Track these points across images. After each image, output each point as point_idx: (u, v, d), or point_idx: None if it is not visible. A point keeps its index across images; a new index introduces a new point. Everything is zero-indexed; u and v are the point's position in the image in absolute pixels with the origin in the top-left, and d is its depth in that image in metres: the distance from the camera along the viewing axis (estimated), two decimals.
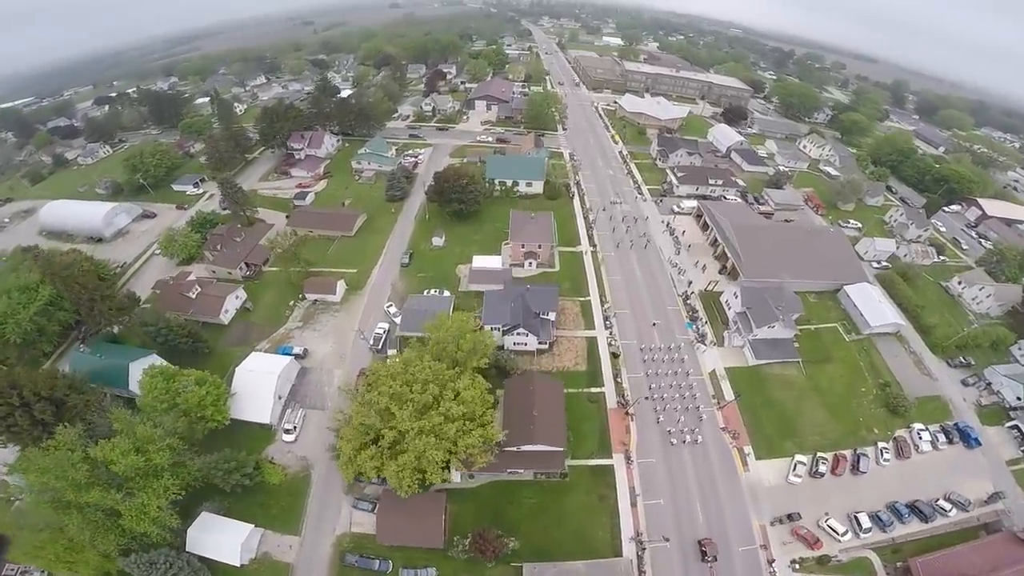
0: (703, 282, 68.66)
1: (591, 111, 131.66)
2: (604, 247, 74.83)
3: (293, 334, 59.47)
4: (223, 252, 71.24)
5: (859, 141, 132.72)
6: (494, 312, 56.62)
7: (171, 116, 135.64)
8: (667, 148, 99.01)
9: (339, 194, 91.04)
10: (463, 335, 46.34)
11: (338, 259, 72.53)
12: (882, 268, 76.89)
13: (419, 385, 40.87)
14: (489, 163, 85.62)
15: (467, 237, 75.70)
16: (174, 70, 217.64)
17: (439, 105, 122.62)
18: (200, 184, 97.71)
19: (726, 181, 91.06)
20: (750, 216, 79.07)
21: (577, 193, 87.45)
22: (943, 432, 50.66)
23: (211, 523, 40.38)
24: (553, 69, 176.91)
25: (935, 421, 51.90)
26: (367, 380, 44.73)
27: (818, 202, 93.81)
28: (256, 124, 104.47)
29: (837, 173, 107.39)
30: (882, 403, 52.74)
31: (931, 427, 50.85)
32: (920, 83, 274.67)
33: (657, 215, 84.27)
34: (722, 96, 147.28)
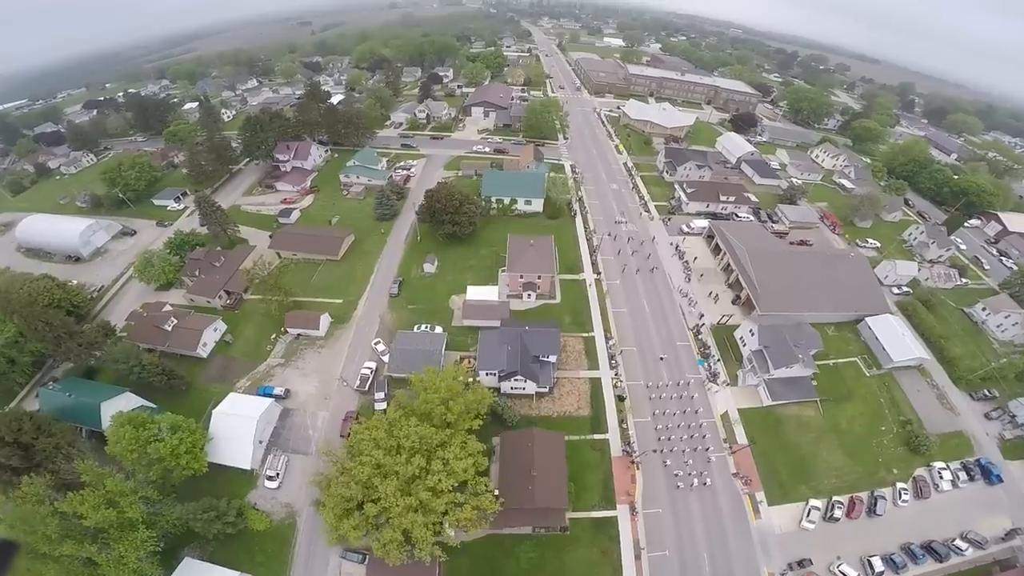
0: (715, 314, 61.96)
1: (593, 118, 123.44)
2: (609, 274, 67.83)
3: (275, 371, 54.28)
4: (201, 279, 65.38)
5: (872, 149, 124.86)
6: (490, 356, 50.41)
7: (156, 123, 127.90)
8: (675, 160, 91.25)
9: (326, 211, 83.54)
10: (453, 396, 40.64)
11: (323, 287, 66.06)
12: (903, 294, 70.61)
13: (404, 455, 36.59)
14: (485, 179, 77.97)
15: (461, 262, 68.61)
16: (166, 72, 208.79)
17: (433, 112, 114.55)
18: (182, 199, 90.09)
19: (738, 197, 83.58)
20: (765, 239, 71.44)
21: (580, 212, 79.89)
22: (964, 469, 48.25)
23: (195, 570, 37.33)
24: (553, 72, 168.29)
25: (957, 458, 49.14)
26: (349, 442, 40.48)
27: (834, 220, 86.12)
28: (239, 134, 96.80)
29: (852, 186, 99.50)
30: (903, 442, 49.48)
31: (952, 465, 48.34)
32: (924, 85, 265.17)
33: (665, 236, 76.80)
34: (729, 101, 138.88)
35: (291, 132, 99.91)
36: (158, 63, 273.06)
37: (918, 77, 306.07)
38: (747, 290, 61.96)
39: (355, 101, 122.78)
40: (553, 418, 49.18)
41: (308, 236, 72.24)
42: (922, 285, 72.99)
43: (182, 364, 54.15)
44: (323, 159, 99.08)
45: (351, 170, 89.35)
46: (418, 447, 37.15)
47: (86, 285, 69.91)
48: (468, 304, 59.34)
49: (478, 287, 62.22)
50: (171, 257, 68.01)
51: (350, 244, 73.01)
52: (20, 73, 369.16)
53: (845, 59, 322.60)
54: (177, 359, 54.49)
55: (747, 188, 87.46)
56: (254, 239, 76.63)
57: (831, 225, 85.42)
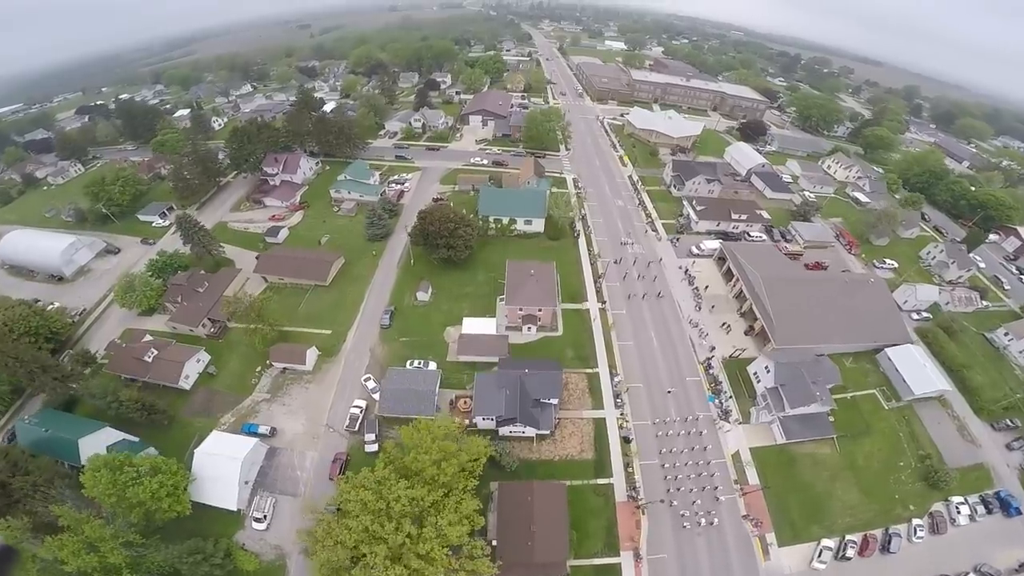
0: (727, 346, 57.20)
1: (596, 126, 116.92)
2: (614, 302, 62.23)
3: (260, 407, 50.37)
4: (184, 306, 60.41)
5: (884, 157, 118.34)
6: (487, 401, 45.56)
7: (145, 131, 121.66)
8: (683, 174, 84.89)
9: (316, 229, 77.55)
10: (446, 457, 36.35)
11: (310, 316, 60.85)
12: (923, 320, 65.66)
13: (394, 521, 33.54)
14: (482, 197, 71.71)
15: (457, 289, 63.11)
16: (161, 77, 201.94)
17: (429, 121, 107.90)
18: (167, 214, 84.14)
19: (750, 215, 77.40)
20: (780, 264, 65.59)
21: (583, 231, 73.95)
22: (982, 503, 46.11)
23: None
24: (554, 77, 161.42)
25: (976, 491, 46.96)
26: (336, 500, 37.70)
27: (851, 238, 79.70)
28: (226, 145, 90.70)
29: (867, 200, 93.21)
30: (921, 477, 47.06)
31: (970, 499, 46.16)
32: (927, 87, 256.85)
33: (673, 257, 70.93)
34: (736, 107, 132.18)
35: (281, 143, 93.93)
36: (157, 66, 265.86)
37: (919, 79, 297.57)
38: (761, 321, 56.68)
39: (348, 109, 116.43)
40: (554, 462, 45.41)
41: (295, 259, 66.25)
42: (942, 310, 67.64)
43: (164, 396, 50.61)
44: (314, 172, 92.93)
45: (342, 185, 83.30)
46: (408, 510, 34.05)
47: (67, 308, 65.03)
48: (464, 338, 54.29)
49: (474, 319, 56.99)
50: (153, 280, 63.37)
51: (340, 267, 67.19)
52: (21, 75, 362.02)
53: (847, 61, 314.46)
54: (159, 390, 51.17)
55: (759, 204, 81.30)
56: (241, 260, 70.92)
57: (847, 244, 79.10)
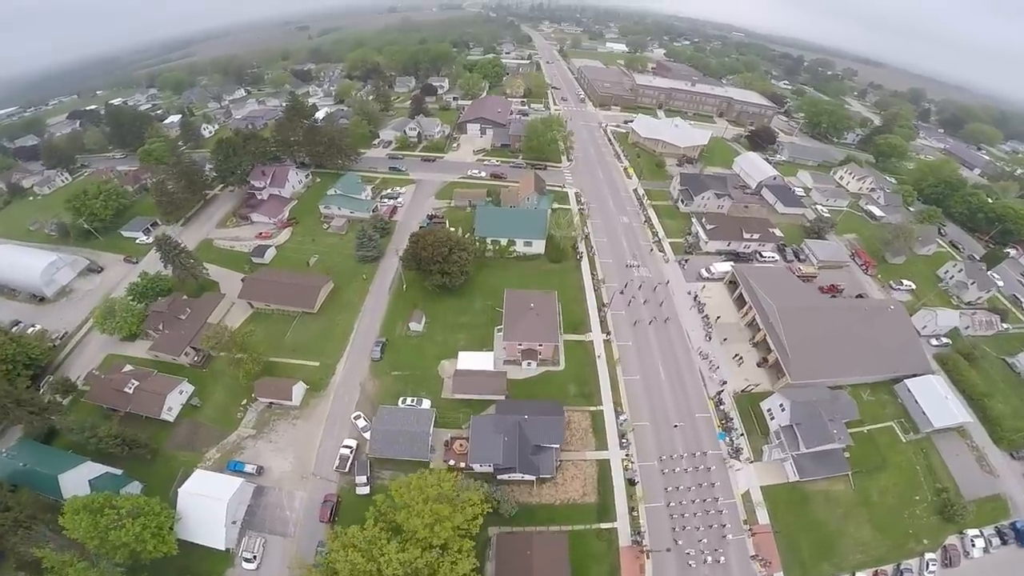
0: (739, 379, 52.89)
1: (599, 134, 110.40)
2: (620, 333, 57.22)
3: (246, 443, 47.40)
4: (165, 334, 56.36)
5: (896, 166, 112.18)
6: (483, 447, 42.13)
7: (133, 139, 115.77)
8: (691, 188, 78.82)
9: (304, 248, 72.11)
10: (439, 520, 33.26)
11: (298, 345, 56.27)
12: (942, 346, 61.19)
13: None
14: (479, 217, 65.92)
15: (452, 318, 58.12)
16: (155, 80, 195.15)
17: (425, 129, 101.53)
18: (151, 230, 78.81)
19: (763, 234, 71.67)
20: (795, 290, 60.21)
21: (586, 252, 68.26)
22: (998, 534, 44.40)
23: None
24: (555, 81, 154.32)
25: (992, 522, 45.07)
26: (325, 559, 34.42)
27: (867, 258, 73.70)
28: (211, 157, 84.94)
29: (882, 214, 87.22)
30: (936, 510, 44.95)
31: (985, 530, 44.33)
32: (929, 88, 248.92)
33: (682, 281, 65.49)
34: (742, 113, 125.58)
35: (270, 154, 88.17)
36: (154, 68, 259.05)
37: (921, 80, 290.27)
38: (776, 353, 52.47)
39: (341, 116, 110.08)
40: (555, 506, 42.43)
41: (281, 284, 61.06)
42: (962, 334, 63.12)
43: (147, 427, 47.96)
44: (303, 184, 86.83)
45: (331, 200, 77.50)
46: (400, 574, 31.50)
47: (48, 331, 61.03)
48: (459, 374, 49.49)
49: (470, 353, 52.19)
50: (134, 305, 59.40)
51: (329, 292, 62.17)
52: (21, 77, 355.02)
53: (849, 63, 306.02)
54: (142, 421, 48.38)
55: (771, 222, 75.21)
56: (226, 282, 66.27)
57: (863, 264, 73.20)
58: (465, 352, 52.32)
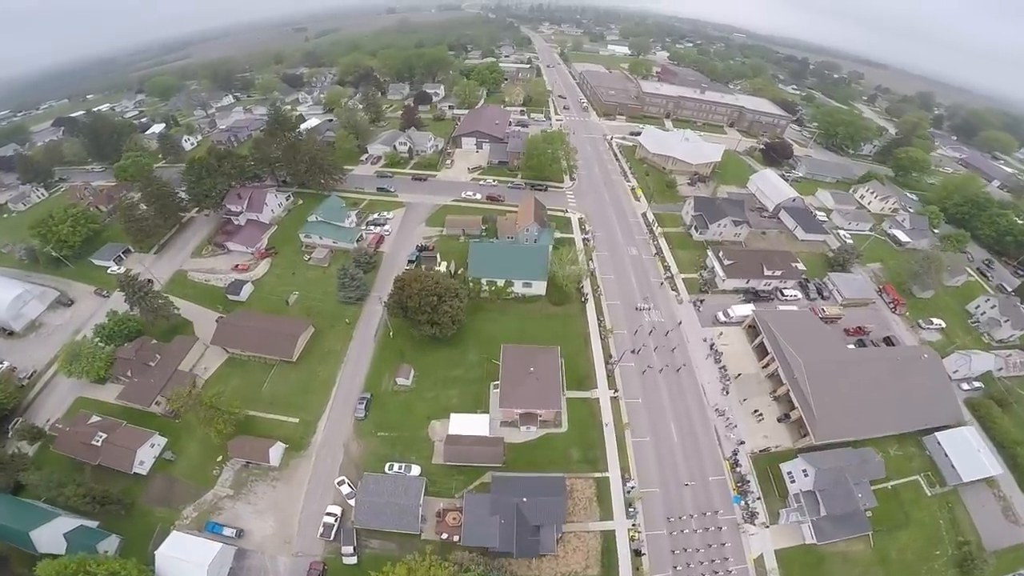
0: (757, 437, 46.90)
1: (603, 148, 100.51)
2: (628, 388, 49.59)
3: (224, 504, 42.79)
4: (133, 383, 50.61)
5: (917, 181, 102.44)
6: (478, 528, 37.67)
7: (111, 151, 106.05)
8: (707, 215, 69.65)
9: (283, 283, 63.81)
10: None
11: (276, 399, 49.80)
12: (974, 390, 55.12)
13: None
14: (473, 255, 57.00)
15: (444, 372, 50.46)
16: (144, 85, 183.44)
17: (416, 144, 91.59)
18: (123, 258, 70.76)
19: (786, 270, 62.72)
20: (822, 339, 52.55)
21: (592, 292, 59.55)
22: None
23: None
24: (556, 87, 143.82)
25: (1012, 571, 41.24)
26: None
27: (896, 296, 64.91)
28: (183, 178, 75.66)
29: (908, 239, 77.95)
30: (955, 564, 41.19)
31: None
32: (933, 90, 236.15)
33: (696, 324, 57.16)
34: (755, 123, 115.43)
35: (249, 173, 78.90)
36: (149, 70, 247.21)
37: (924, 82, 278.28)
38: (800, 411, 46.46)
39: (328, 128, 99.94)
40: None
41: (258, 330, 53.65)
42: (996, 378, 55.94)
43: (120, 480, 43.82)
44: (283, 208, 77.61)
45: (312, 228, 68.43)
46: None
47: (16, 369, 55.48)
48: (452, 439, 42.66)
49: (463, 416, 44.95)
50: (102, 347, 52.99)
51: (309, 337, 54.67)
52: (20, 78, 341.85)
53: (852, 64, 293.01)
54: (114, 474, 44.18)
55: (794, 256, 65.83)
56: (200, 322, 58.79)
57: (892, 303, 64.51)
58: (458, 415, 45.23)
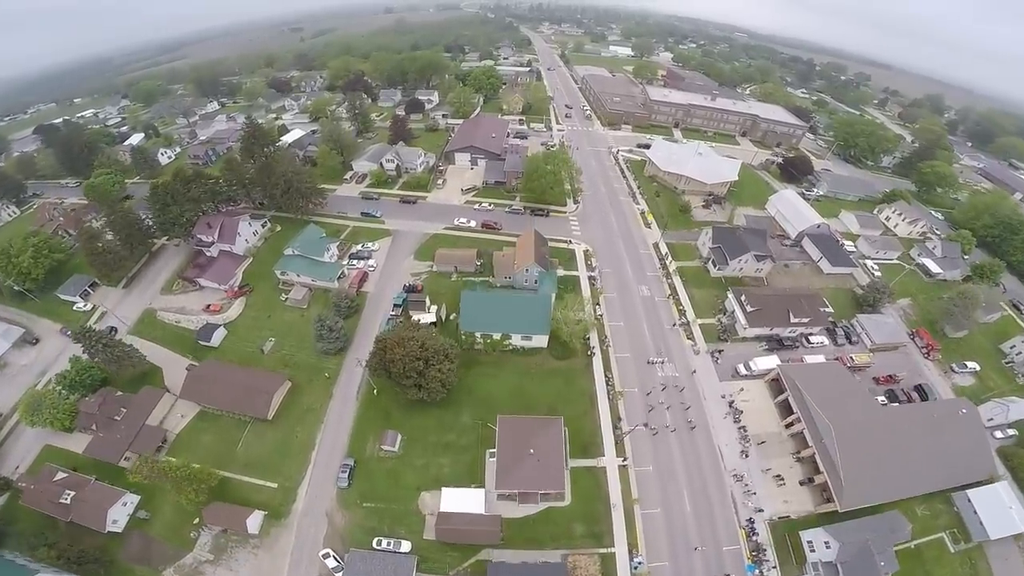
0: (776, 501, 41.33)
1: (609, 163, 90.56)
2: (639, 454, 43.12)
3: (204, 568, 38.45)
4: (100, 436, 45.68)
5: (942, 197, 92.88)
6: None
7: (83, 165, 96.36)
8: (726, 248, 60.65)
9: (259, 327, 56.15)
10: None
11: (252, 460, 44.28)
12: (1007, 438, 49.51)
13: None
14: (465, 306, 48.33)
15: (434, 436, 44.00)
16: (128, 90, 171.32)
17: (405, 161, 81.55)
18: (90, 293, 63.32)
19: (814, 316, 54.15)
20: (851, 395, 45.74)
21: (599, 343, 51.10)
22: None
23: None
24: (557, 91, 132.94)
25: None
26: None
27: (931, 340, 57.00)
28: (148, 205, 66.34)
29: (939, 269, 68.87)
30: None
31: None
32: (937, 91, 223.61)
33: (714, 378, 49.35)
34: (769, 133, 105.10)
35: (222, 195, 69.57)
36: (142, 72, 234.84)
37: (929, 82, 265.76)
38: (825, 475, 41.30)
39: (310, 142, 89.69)
40: None
41: (229, 385, 47.16)
42: None
43: (95, 536, 39.68)
44: (260, 236, 68.54)
45: (289, 263, 59.78)
46: None
47: None
48: (444, 517, 36.61)
49: (456, 490, 39.00)
50: (65, 396, 47.95)
51: (285, 394, 47.94)
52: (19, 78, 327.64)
53: (855, 64, 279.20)
54: (88, 530, 40.04)
55: (823, 299, 57.21)
56: (171, 368, 52.22)
57: (925, 348, 56.67)
58: (450, 489, 39.26)
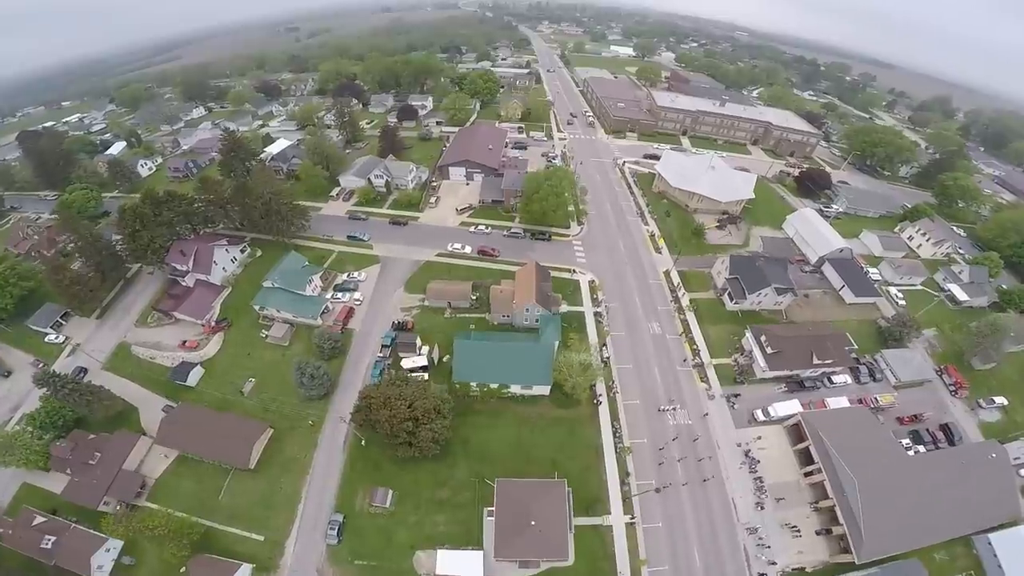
0: (791, 554, 37.76)
1: (614, 177, 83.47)
2: (647, 511, 38.86)
3: None
4: (75, 482, 42.26)
5: (965, 211, 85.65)
6: None
7: (60, 178, 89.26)
8: (745, 280, 54.18)
9: (238, 366, 50.93)
10: None
11: (236, 510, 40.63)
12: None
13: None
14: (459, 355, 42.84)
15: (428, 492, 39.77)
16: (115, 94, 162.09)
17: (395, 177, 74.22)
18: (63, 324, 57.85)
19: (838, 357, 48.49)
20: (877, 444, 42.26)
21: (606, 390, 45.43)
22: None
23: None
24: (557, 95, 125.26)
25: None
26: None
27: (960, 378, 51.71)
28: (117, 231, 59.53)
29: (967, 297, 62.45)
30: None
31: None
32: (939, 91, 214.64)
33: (730, 424, 44.26)
34: (782, 141, 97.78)
35: (198, 216, 62.86)
36: (130, 74, 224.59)
37: (932, 82, 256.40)
38: (844, 527, 37.73)
39: (294, 155, 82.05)
40: None
41: (207, 430, 43.09)
42: None
43: None
44: (238, 263, 62.15)
45: (268, 297, 53.68)
46: None
47: None
48: None
49: (453, 552, 34.75)
50: (38, 436, 44.18)
51: (267, 443, 43.51)
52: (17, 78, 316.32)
53: (857, 63, 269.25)
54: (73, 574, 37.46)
55: (848, 339, 51.51)
56: (147, 408, 48.01)
57: (954, 385, 51.38)
58: (445, 551, 35.01)
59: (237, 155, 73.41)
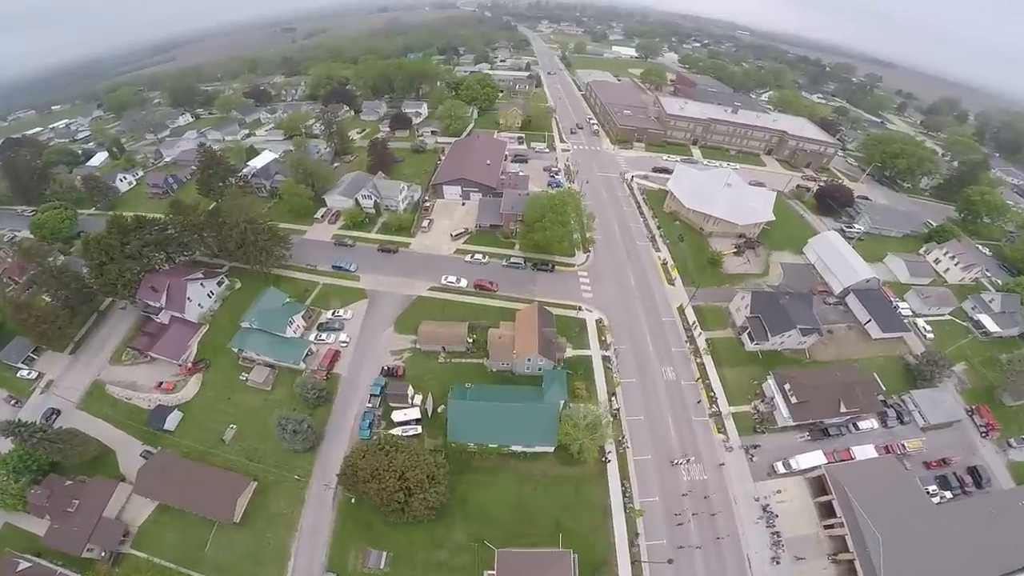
0: None
1: (622, 193, 76.63)
2: None
3: None
4: (55, 528, 39.35)
5: (988, 228, 78.96)
6: None
7: (35, 194, 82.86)
8: (766, 320, 48.19)
9: (218, 411, 46.01)
10: None
11: (222, 566, 37.33)
12: None
13: None
14: (452, 415, 37.52)
15: (424, 554, 35.84)
16: (102, 99, 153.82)
17: (385, 196, 67.49)
18: (35, 359, 52.85)
19: (867, 402, 43.14)
20: (903, 496, 38.07)
21: (615, 445, 40.13)
22: None
23: None
24: (559, 99, 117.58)
25: None
26: None
27: (992, 419, 46.87)
28: (84, 261, 53.55)
29: (997, 328, 56.12)
30: None
31: None
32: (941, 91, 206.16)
33: (747, 477, 39.42)
34: (797, 151, 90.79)
35: (173, 244, 56.60)
36: (123, 76, 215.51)
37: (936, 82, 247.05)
38: None
39: (277, 171, 75.01)
40: None
41: (188, 482, 39.68)
42: None
43: None
44: (216, 297, 56.03)
45: (246, 339, 48.16)
46: None
47: None
48: None
49: None
50: (13, 481, 40.76)
51: (251, 496, 39.38)
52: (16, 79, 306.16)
53: (860, 63, 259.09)
54: None
55: (878, 383, 46.15)
56: (124, 453, 44.33)
57: (985, 426, 46.46)
58: None
59: (216, 172, 66.73)
